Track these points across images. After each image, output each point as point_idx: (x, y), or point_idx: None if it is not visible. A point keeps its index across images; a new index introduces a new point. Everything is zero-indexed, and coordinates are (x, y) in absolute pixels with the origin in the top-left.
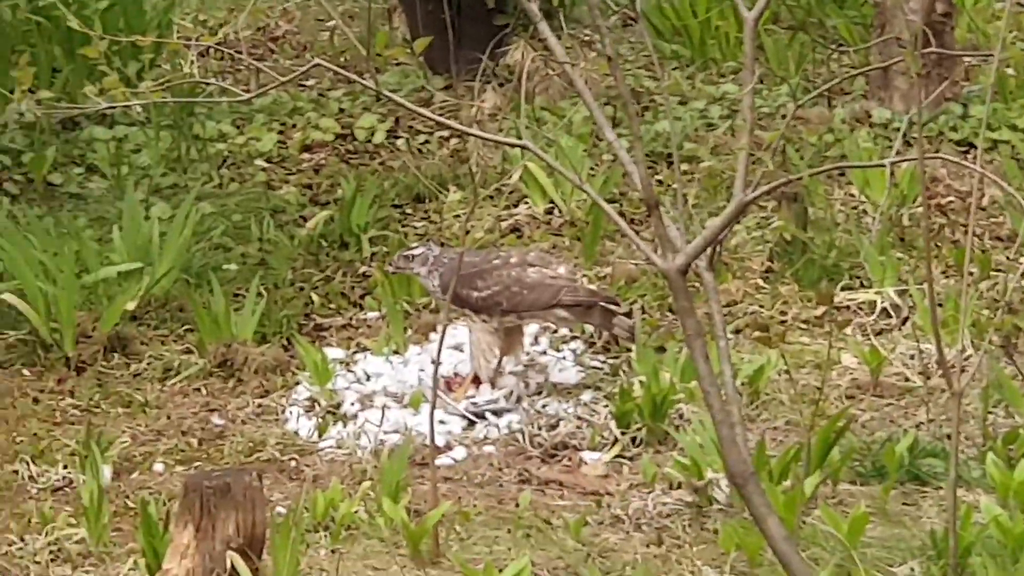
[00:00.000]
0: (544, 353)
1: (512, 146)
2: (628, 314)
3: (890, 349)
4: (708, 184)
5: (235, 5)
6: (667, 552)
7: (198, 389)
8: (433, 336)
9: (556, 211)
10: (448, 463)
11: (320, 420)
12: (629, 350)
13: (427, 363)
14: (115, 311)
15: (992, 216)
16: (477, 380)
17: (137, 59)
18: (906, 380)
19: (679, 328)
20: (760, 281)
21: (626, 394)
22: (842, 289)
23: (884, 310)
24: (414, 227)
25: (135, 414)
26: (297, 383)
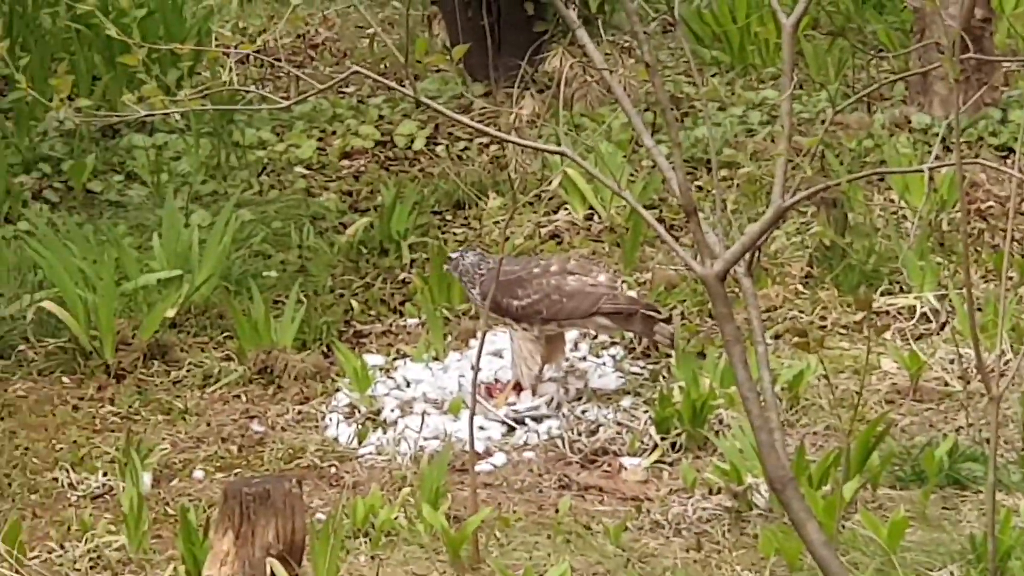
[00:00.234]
0: (584, 359)
1: (551, 153)
2: (668, 320)
3: (929, 354)
4: (747, 190)
5: (275, 12)
6: (706, 557)
7: (238, 396)
8: (473, 342)
9: (596, 217)
10: (488, 469)
11: (360, 426)
12: (669, 356)
13: (467, 369)
14: (155, 318)
15: None
16: (518, 387)
17: (176, 67)
18: (945, 385)
19: (718, 334)
20: (800, 286)
21: (666, 399)
22: (882, 294)
23: (923, 315)
24: (454, 233)
25: (175, 421)
26: (337, 390)
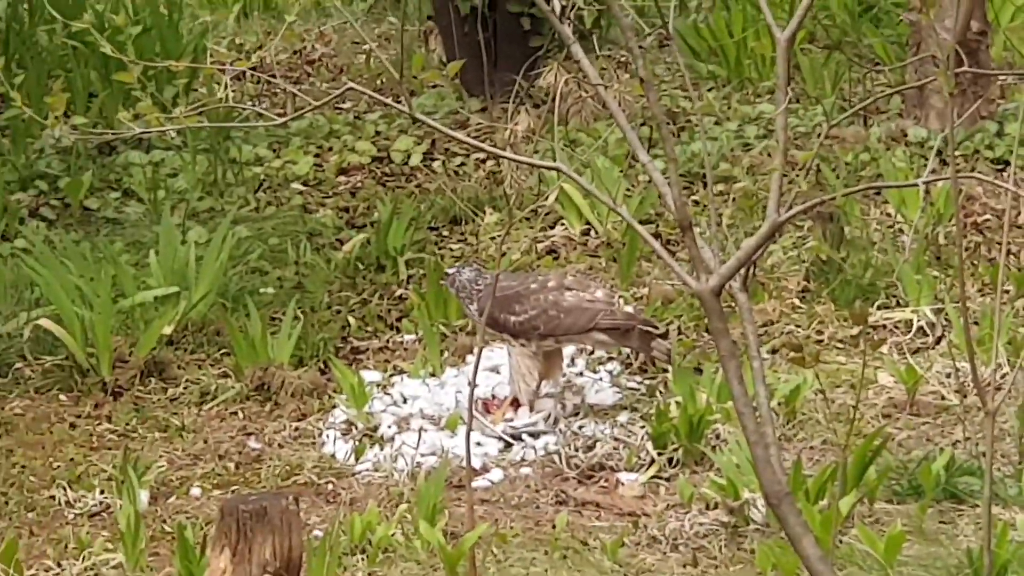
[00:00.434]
0: (581, 374)
1: (546, 168)
2: (665, 335)
3: (926, 368)
4: (743, 204)
5: (271, 28)
6: (703, 572)
7: (235, 413)
8: (470, 358)
9: (592, 232)
10: (485, 485)
11: (357, 443)
12: (666, 371)
13: (464, 385)
14: (152, 335)
15: None
16: (516, 403)
17: (173, 83)
18: (942, 399)
19: (715, 349)
20: (796, 300)
21: (662, 415)
22: (878, 308)
23: (920, 329)
24: (450, 249)
25: (172, 438)
26: (334, 406)
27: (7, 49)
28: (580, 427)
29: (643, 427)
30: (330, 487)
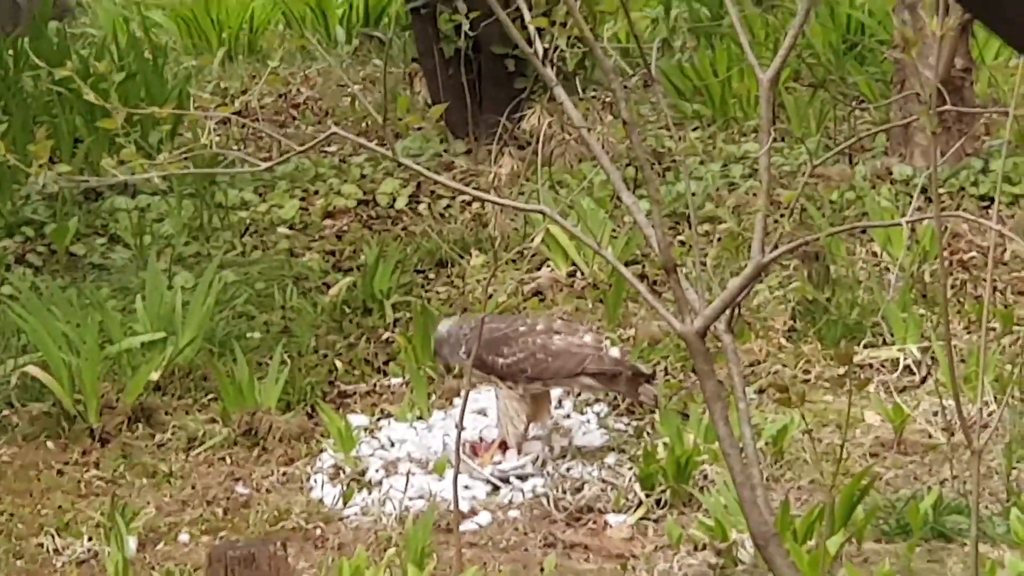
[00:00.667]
0: (568, 416)
1: (530, 211)
2: (652, 378)
3: (913, 406)
4: (728, 245)
5: (256, 72)
6: None
7: (223, 458)
8: (457, 401)
9: (579, 274)
10: (473, 528)
11: (345, 487)
12: (653, 412)
13: (451, 428)
14: (139, 381)
15: (1014, 271)
16: (504, 446)
17: (157, 129)
18: (929, 437)
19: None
20: (783, 340)
21: (650, 456)
22: (865, 347)
23: (907, 367)
24: (437, 292)
25: (160, 485)
26: (322, 450)
27: None
28: (568, 469)
29: (631, 469)
30: (318, 532)
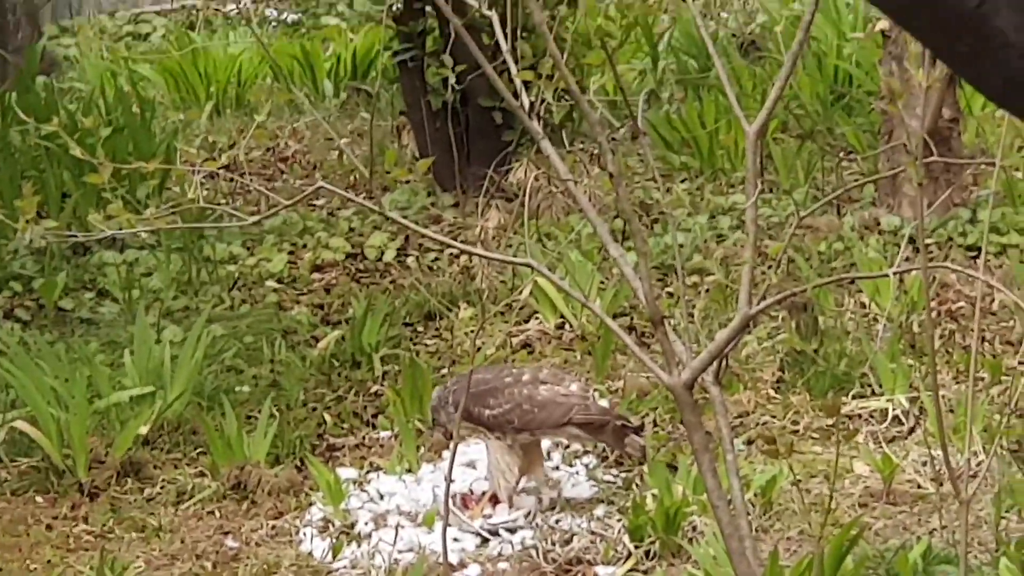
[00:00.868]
0: (557, 468)
1: (517, 264)
2: (640, 430)
3: (902, 456)
4: (716, 297)
5: (244, 126)
6: None
7: (212, 512)
8: (446, 454)
9: (567, 326)
10: None
11: (334, 541)
12: (642, 463)
13: (440, 481)
14: (128, 436)
15: (1003, 321)
16: (495, 499)
17: (145, 183)
18: (919, 487)
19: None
20: (772, 391)
21: (639, 508)
22: (853, 397)
23: (896, 417)
24: (425, 345)
25: (149, 539)
26: (311, 504)
27: None
28: (557, 521)
29: (620, 520)
30: None
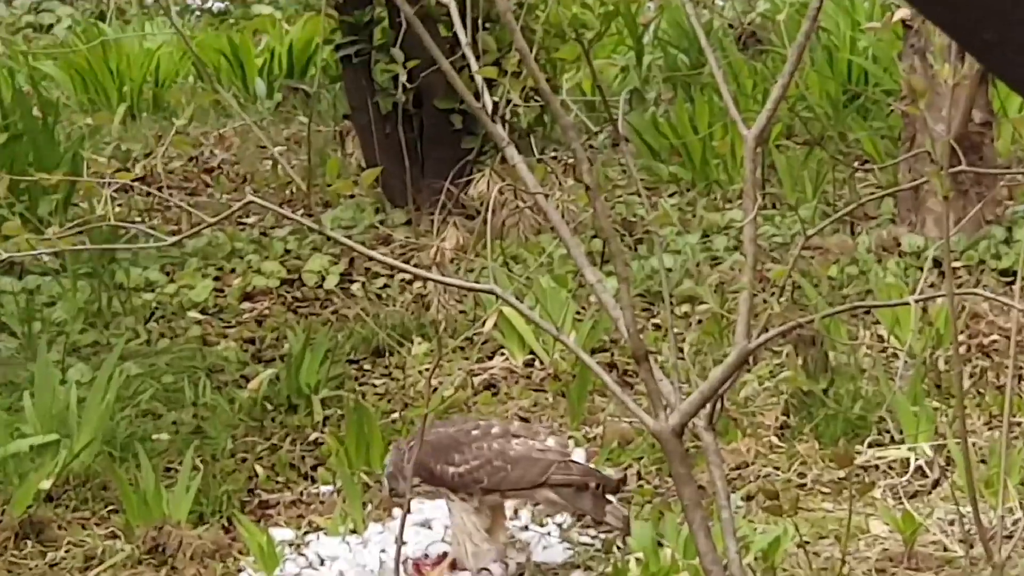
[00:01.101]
0: (526, 528)
1: (478, 291)
2: (624, 481)
3: (926, 514)
4: (710, 328)
5: (162, 132)
6: None
7: None
8: (397, 512)
9: (537, 363)
10: None
11: None
12: (626, 535)
13: (390, 543)
14: (27, 491)
15: None
16: (454, 565)
17: (47, 198)
18: (945, 549)
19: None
20: (775, 438)
21: (621, 574)
22: (869, 446)
23: (919, 468)
24: (373, 385)
25: None
26: (239, 570)
27: None
28: None
29: None
30: None
